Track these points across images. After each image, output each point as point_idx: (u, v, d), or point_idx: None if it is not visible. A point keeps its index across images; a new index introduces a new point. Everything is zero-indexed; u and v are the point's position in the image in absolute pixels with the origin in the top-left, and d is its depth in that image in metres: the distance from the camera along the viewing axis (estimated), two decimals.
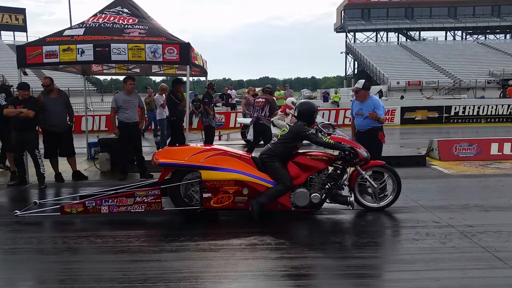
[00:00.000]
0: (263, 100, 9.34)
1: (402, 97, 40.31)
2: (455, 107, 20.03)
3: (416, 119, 19.71)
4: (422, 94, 45.23)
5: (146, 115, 10.80)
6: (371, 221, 5.50)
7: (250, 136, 10.11)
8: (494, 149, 9.42)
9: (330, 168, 5.60)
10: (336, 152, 5.58)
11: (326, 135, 5.58)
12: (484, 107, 19.89)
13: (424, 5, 65.52)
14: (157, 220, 5.54)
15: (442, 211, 5.53)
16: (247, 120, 13.51)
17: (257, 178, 5.33)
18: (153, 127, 14.97)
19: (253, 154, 5.63)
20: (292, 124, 5.61)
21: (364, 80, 6.49)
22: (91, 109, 21.09)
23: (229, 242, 4.66)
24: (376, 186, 5.60)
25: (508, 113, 19.66)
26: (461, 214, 5.40)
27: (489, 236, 4.59)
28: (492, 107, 19.86)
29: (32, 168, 7.57)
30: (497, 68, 49.91)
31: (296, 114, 5.60)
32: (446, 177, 7.87)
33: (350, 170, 5.70)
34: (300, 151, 5.62)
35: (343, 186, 5.57)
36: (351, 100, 29.92)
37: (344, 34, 69.20)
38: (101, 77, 57.49)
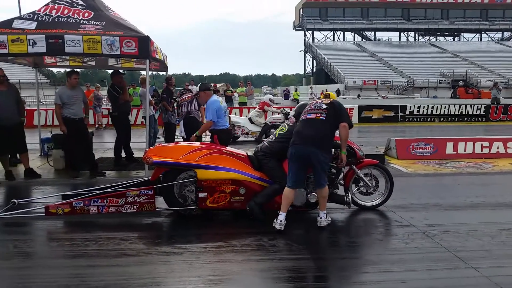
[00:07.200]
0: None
1: (359, 96, 41.33)
2: (410, 107, 20.57)
3: (373, 117, 20.07)
4: (377, 93, 46.49)
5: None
6: (334, 221, 5.50)
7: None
8: (449, 148, 9.73)
9: None
10: None
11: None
12: (437, 106, 20.56)
13: (379, 5, 67.21)
14: (116, 222, 5.27)
15: (403, 210, 5.61)
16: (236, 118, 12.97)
17: (254, 178, 5.21)
18: None
19: (249, 153, 5.51)
20: (291, 124, 5.51)
21: (200, 83, 7.25)
22: (44, 102, 20.16)
23: (193, 245, 4.51)
24: (370, 185, 5.62)
25: (459, 113, 20.42)
26: (422, 214, 5.51)
27: (450, 236, 4.69)
28: (445, 106, 20.56)
29: None
30: (448, 69, 52.05)
31: (295, 114, 5.55)
32: (405, 176, 8.03)
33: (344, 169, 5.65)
34: None
35: (339, 185, 5.55)
36: (310, 98, 30.06)
37: (302, 32, 69.90)
38: (55, 69, 55.20)
